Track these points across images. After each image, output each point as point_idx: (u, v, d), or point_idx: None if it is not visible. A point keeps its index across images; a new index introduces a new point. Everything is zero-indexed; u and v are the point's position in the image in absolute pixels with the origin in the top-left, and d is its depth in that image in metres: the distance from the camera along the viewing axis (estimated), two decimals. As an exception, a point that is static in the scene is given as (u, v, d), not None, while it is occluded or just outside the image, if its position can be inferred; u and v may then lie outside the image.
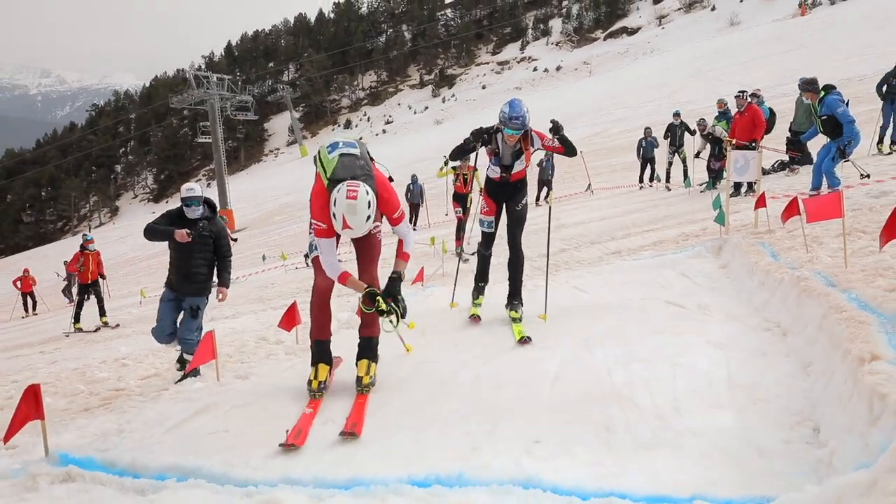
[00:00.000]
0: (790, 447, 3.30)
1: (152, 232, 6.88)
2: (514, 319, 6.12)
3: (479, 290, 6.62)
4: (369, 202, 4.30)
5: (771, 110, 14.18)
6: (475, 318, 6.33)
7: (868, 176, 10.53)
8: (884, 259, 5.05)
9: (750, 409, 3.78)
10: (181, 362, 7.14)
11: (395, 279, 4.77)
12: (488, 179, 6.32)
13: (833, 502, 2.42)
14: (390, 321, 4.64)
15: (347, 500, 3.20)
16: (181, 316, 7.06)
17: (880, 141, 13.64)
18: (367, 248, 5.02)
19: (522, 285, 6.41)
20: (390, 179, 5.05)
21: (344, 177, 4.45)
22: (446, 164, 12.93)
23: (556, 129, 5.93)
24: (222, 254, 7.19)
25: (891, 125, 13.38)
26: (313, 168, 4.94)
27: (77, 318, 14.09)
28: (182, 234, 6.70)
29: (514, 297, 6.32)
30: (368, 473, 3.45)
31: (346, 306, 8.31)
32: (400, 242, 4.95)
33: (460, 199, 13.57)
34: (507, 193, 6.32)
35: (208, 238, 6.99)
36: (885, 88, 13.38)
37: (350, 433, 4.05)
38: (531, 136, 6.05)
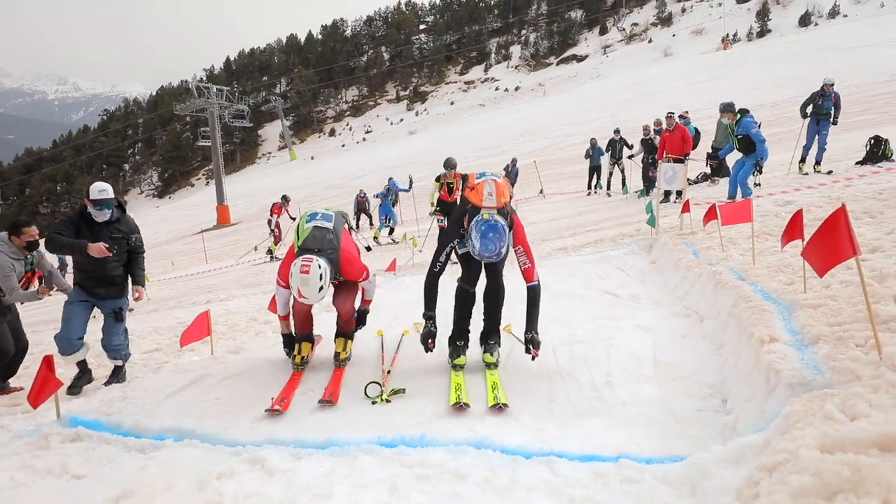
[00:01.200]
0: (702, 415, 3.40)
1: (58, 245, 5.18)
2: (488, 365, 4.47)
3: (457, 350, 4.61)
4: (321, 275, 4.26)
5: (696, 129, 14.40)
6: (461, 407, 3.78)
7: (759, 185, 11.24)
8: (785, 258, 5.19)
9: (670, 383, 3.87)
10: (82, 368, 5.61)
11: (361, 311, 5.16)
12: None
13: (734, 459, 2.51)
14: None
15: (323, 459, 3.21)
16: (103, 321, 5.57)
17: (802, 160, 12.31)
18: (345, 286, 4.93)
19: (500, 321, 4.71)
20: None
21: (311, 247, 4.46)
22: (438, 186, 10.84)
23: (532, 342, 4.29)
24: (134, 250, 5.60)
25: (814, 145, 12.00)
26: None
27: None
28: (100, 250, 5.15)
29: (491, 337, 4.64)
30: (343, 435, 3.45)
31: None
32: (363, 291, 5.08)
33: (445, 208, 10.81)
34: None
35: (122, 240, 5.45)
36: (810, 108, 12.01)
37: (328, 401, 4.06)
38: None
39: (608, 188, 17.69)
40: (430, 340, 4.42)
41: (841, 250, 2.86)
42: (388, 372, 4.54)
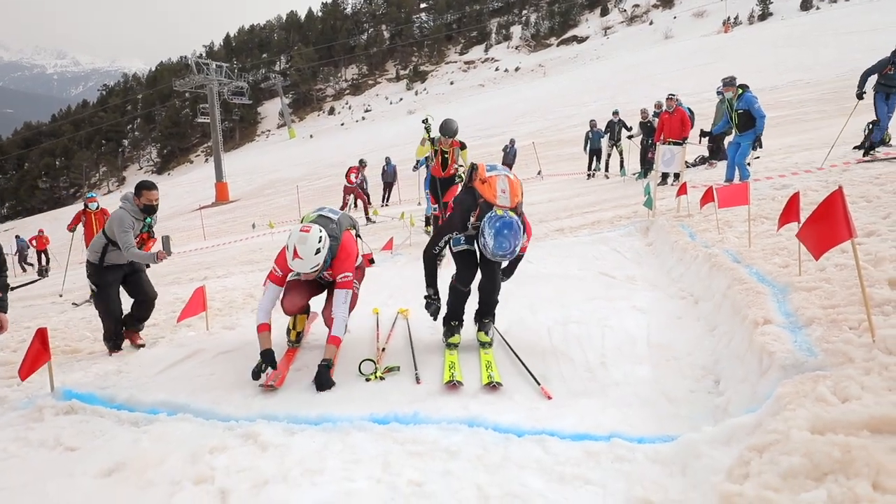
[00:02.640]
0: (695, 396, 3.40)
1: None
2: (482, 344, 4.44)
3: (451, 330, 4.52)
4: (320, 238, 4.11)
5: (690, 110, 14.24)
6: (454, 385, 3.77)
7: (759, 158, 10.67)
8: (780, 241, 5.16)
9: (664, 364, 3.87)
10: None
11: (323, 369, 4.00)
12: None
13: (725, 439, 2.51)
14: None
15: (316, 434, 3.21)
16: None
17: (884, 142, 10.20)
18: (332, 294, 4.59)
19: (497, 304, 4.61)
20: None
21: None
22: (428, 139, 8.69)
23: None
24: None
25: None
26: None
27: None
28: None
29: (486, 315, 4.58)
30: (336, 412, 3.45)
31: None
32: (330, 322, 4.35)
33: (436, 188, 8.83)
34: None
35: None
36: (874, 78, 9.95)
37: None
38: None
39: (606, 170, 17.62)
40: (435, 313, 4.52)
41: (837, 232, 2.83)
42: (383, 350, 4.53)
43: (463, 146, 8.58)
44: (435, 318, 4.56)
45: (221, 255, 15.43)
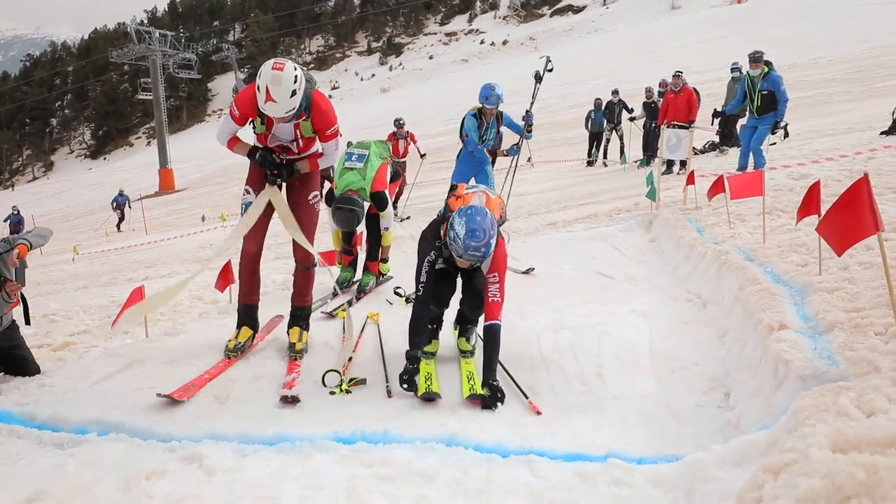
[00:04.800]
0: (702, 410, 3.43)
1: None
2: (463, 352, 4.43)
3: (428, 335, 4.36)
4: (296, 77, 4.03)
5: (696, 90, 14.35)
6: (431, 398, 3.77)
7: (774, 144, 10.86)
8: (798, 236, 5.22)
9: (668, 375, 3.90)
10: None
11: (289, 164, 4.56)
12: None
13: (736, 460, 2.52)
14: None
15: (271, 456, 3.16)
16: None
17: None
18: (302, 218, 4.72)
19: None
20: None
21: None
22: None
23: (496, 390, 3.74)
24: None
25: None
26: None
27: None
28: None
29: (468, 322, 4.50)
30: (294, 430, 3.41)
31: (283, 268, 8.19)
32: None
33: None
34: None
35: None
36: None
37: (293, 398, 3.89)
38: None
39: (605, 157, 17.69)
40: (411, 381, 3.88)
41: (862, 226, 2.85)
42: (350, 359, 4.49)
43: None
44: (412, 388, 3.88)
45: (165, 252, 15.28)
